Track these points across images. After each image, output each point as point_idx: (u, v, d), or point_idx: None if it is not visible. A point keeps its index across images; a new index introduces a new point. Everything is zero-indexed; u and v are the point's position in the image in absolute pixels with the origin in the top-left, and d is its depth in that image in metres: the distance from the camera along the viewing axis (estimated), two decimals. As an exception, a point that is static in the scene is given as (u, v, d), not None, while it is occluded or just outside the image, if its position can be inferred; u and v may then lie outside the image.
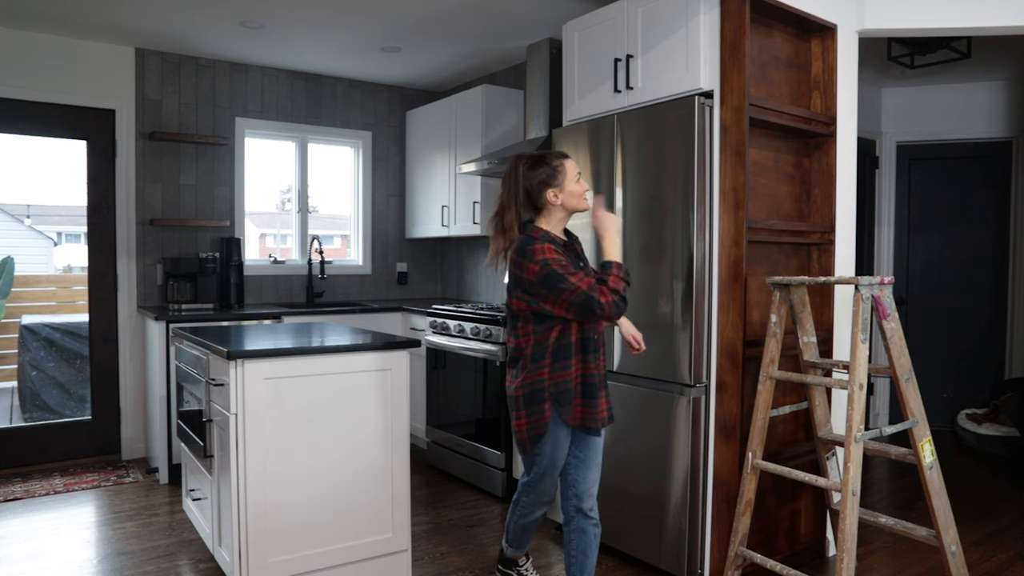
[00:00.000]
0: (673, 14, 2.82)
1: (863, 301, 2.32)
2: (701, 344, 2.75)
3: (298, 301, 5.10)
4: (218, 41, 4.38)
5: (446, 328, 4.19)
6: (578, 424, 2.32)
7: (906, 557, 3.12)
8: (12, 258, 4.63)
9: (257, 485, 2.47)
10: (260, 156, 5.07)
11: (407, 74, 5.14)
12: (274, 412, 2.50)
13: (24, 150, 4.45)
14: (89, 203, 4.44)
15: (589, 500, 2.36)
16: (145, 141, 4.53)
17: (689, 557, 2.76)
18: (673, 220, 2.79)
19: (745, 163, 2.63)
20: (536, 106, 4.19)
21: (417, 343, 2.86)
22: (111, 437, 4.53)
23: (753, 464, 2.62)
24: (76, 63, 4.32)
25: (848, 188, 3.10)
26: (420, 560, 3.03)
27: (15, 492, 3.85)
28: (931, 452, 2.46)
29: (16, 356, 4.67)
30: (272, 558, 2.50)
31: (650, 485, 2.88)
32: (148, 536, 3.29)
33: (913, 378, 2.47)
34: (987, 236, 5.25)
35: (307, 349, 2.59)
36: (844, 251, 3.08)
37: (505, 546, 2.66)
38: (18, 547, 3.15)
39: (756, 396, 2.66)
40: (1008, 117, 5.13)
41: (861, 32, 3.14)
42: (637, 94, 2.99)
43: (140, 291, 4.55)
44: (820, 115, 2.99)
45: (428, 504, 3.75)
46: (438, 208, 5.00)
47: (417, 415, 4.52)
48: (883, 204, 5.51)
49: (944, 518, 2.44)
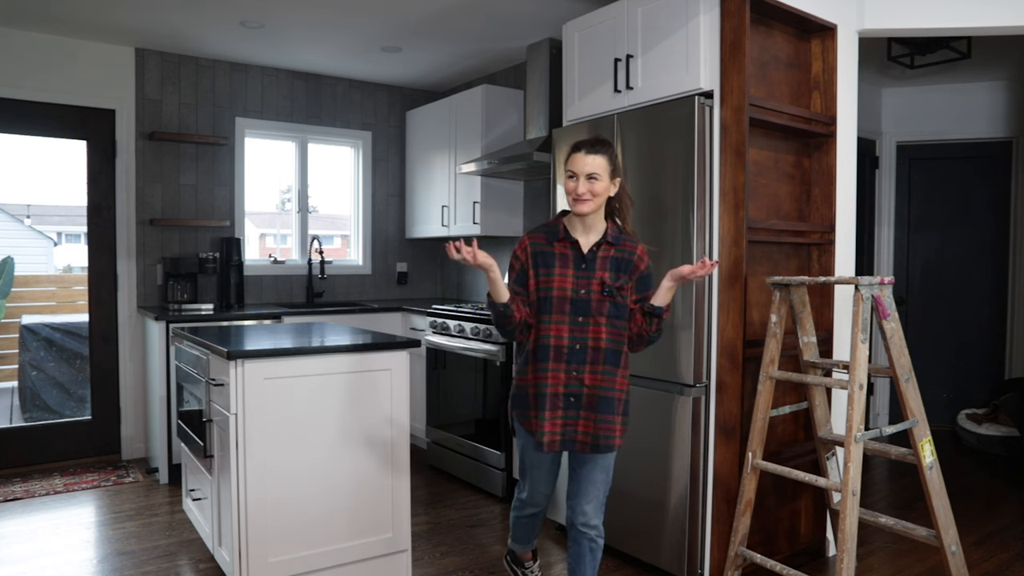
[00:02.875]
0: (673, 14, 2.82)
1: (863, 301, 2.32)
2: (701, 344, 2.75)
3: (298, 301, 5.10)
4: (218, 41, 4.38)
5: (446, 328, 4.19)
6: (529, 431, 2.29)
7: (906, 557, 3.12)
8: (12, 258, 4.63)
9: (257, 485, 2.47)
10: (260, 156, 5.07)
11: (407, 74, 5.14)
12: (274, 412, 2.50)
13: (24, 150, 4.45)
14: (89, 203, 4.44)
15: (582, 516, 2.28)
16: (145, 141, 4.53)
17: (689, 557, 2.76)
18: (673, 220, 2.79)
19: (745, 163, 2.63)
20: (536, 106, 4.19)
21: (417, 343, 2.86)
22: (111, 437, 4.53)
23: (753, 464, 2.62)
24: (76, 63, 4.32)
25: (848, 188, 3.10)
26: (420, 560, 3.03)
27: (15, 492, 3.85)
28: (931, 452, 2.46)
29: (16, 356, 4.67)
30: (272, 558, 2.50)
31: (650, 485, 2.88)
32: (148, 536, 3.29)
33: (913, 378, 2.47)
34: (987, 236, 5.25)
35: (307, 349, 2.59)
36: (844, 251, 3.08)
37: (509, 539, 2.68)
38: (18, 547, 3.15)
39: (756, 396, 2.66)
40: (1008, 117, 5.13)
41: (861, 32, 3.14)
42: (637, 94, 2.99)
43: (140, 291, 4.55)
44: (820, 115, 2.99)
45: (428, 504, 3.74)
46: (438, 208, 5.00)
47: (417, 415, 4.52)
48: (883, 204, 5.51)
49: (944, 518, 2.44)
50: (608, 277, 2.21)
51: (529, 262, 2.27)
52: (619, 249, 2.25)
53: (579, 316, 2.21)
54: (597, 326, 2.21)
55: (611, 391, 2.22)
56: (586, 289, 2.21)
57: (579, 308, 2.21)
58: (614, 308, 2.22)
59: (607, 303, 2.21)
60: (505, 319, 2.21)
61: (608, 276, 2.21)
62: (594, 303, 2.21)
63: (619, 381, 2.24)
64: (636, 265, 2.25)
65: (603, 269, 2.22)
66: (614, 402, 2.23)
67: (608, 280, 2.21)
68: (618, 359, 2.24)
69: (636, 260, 2.25)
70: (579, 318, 2.21)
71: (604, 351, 2.22)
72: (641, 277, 2.26)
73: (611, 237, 2.25)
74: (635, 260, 2.25)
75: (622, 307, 2.23)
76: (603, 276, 2.21)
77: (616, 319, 2.22)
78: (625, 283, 2.23)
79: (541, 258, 2.26)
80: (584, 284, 2.21)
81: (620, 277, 2.22)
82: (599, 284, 2.21)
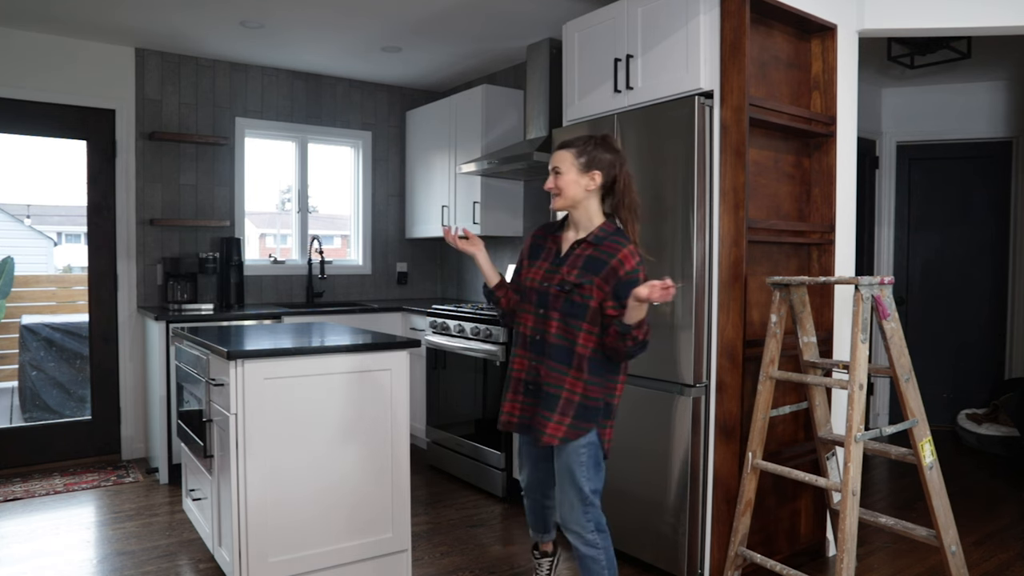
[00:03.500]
0: (673, 14, 2.82)
1: (863, 301, 2.32)
2: (701, 344, 2.75)
3: (298, 301, 5.10)
4: (218, 41, 4.38)
5: (446, 328, 4.19)
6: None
7: (906, 557, 3.12)
8: (12, 258, 4.63)
9: (257, 485, 2.47)
10: (260, 156, 5.07)
11: (407, 74, 5.14)
12: (274, 412, 2.50)
13: (24, 150, 4.45)
14: (89, 203, 4.44)
15: (559, 516, 2.28)
16: (145, 141, 4.53)
17: (689, 557, 2.76)
18: (673, 220, 2.79)
19: (745, 163, 2.63)
20: (536, 106, 4.19)
21: (417, 343, 2.86)
22: (111, 437, 4.53)
23: (753, 464, 2.62)
24: (76, 63, 4.32)
25: (848, 188, 3.10)
26: (420, 560, 3.03)
27: (15, 492, 3.85)
28: (931, 452, 2.46)
29: (16, 356, 4.67)
30: (272, 558, 2.50)
31: (650, 485, 2.88)
32: (148, 536, 3.29)
33: (913, 378, 2.47)
34: (987, 236, 5.25)
35: (307, 349, 2.59)
36: (844, 251, 3.08)
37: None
38: (18, 547, 3.15)
39: (756, 396, 2.66)
40: (1008, 117, 5.13)
41: (861, 32, 3.14)
42: (637, 94, 2.99)
43: (140, 291, 4.55)
44: (820, 115, 2.99)
45: (428, 504, 3.75)
46: (438, 208, 5.00)
47: (417, 415, 4.52)
48: (883, 204, 5.51)
49: (944, 518, 2.44)
50: (574, 274, 2.19)
51: (526, 252, 2.39)
52: (598, 249, 2.19)
53: (540, 308, 2.27)
54: (550, 320, 2.23)
55: (554, 387, 2.20)
56: (549, 283, 2.25)
57: (541, 300, 2.26)
58: (569, 306, 2.19)
59: (561, 299, 2.20)
60: (494, 302, 2.40)
61: (574, 273, 2.19)
62: (551, 297, 2.23)
63: (568, 381, 2.19)
64: (614, 269, 2.14)
65: (572, 266, 2.21)
66: (556, 400, 2.19)
67: (571, 277, 2.19)
68: (568, 358, 2.19)
69: (614, 264, 2.14)
70: (540, 310, 2.27)
71: (552, 346, 2.21)
72: (620, 283, 2.13)
73: (593, 237, 2.22)
74: (613, 264, 2.14)
75: (580, 306, 2.17)
76: (566, 272, 2.21)
77: (571, 317, 2.19)
78: (588, 283, 2.16)
79: (535, 250, 2.38)
80: (550, 278, 2.26)
81: (586, 276, 2.17)
82: (560, 279, 2.22)
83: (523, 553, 3.13)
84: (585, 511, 2.22)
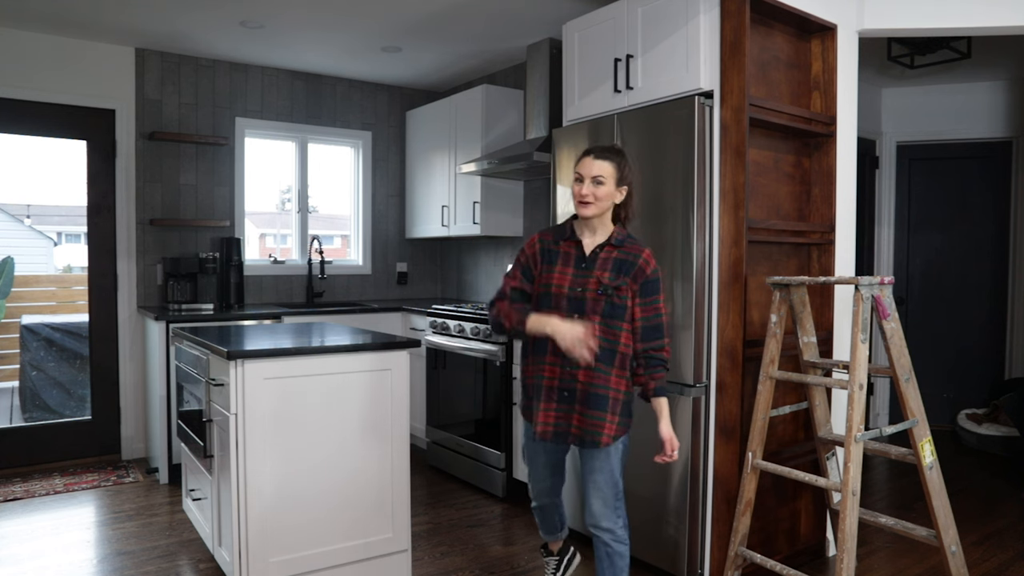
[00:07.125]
0: (673, 14, 2.82)
1: (863, 301, 2.32)
2: (701, 344, 2.75)
3: (298, 301, 5.10)
4: (218, 41, 4.38)
5: (446, 328, 4.19)
6: (527, 421, 2.40)
7: (906, 557, 3.12)
8: (12, 258, 4.63)
9: (257, 485, 2.47)
10: (260, 156, 5.07)
11: (407, 74, 5.14)
12: (274, 412, 2.50)
13: (24, 150, 4.45)
14: (89, 203, 4.44)
15: (589, 516, 2.30)
16: (145, 141, 4.53)
17: (689, 557, 2.76)
18: (673, 220, 2.79)
19: (745, 163, 2.63)
20: (536, 106, 4.19)
21: (417, 343, 2.86)
22: (111, 437, 4.53)
23: (753, 464, 2.62)
24: (76, 63, 4.32)
25: (848, 188, 3.10)
26: (420, 560, 3.03)
27: (15, 492, 3.85)
28: (931, 452, 2.46)
29: (16, 356, 4.67)
30: (272, 558, 2.50)
31: (650, 485, 2.88)
32: (148, 536, 3.29)
33: (913, 378, 2.47)
34: (987, 236, 5.25)
35: (307, 349, 2.59)
36: (844, 251, 3.08)
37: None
38: (18, 547, 3.15)
39: (756, 396, 2.66)
40: (1008, 117, 5.13)
41: (861, 32, 3.14)
42: (637, 94, 2.99)
43: (140, 291, 4.55)
44: (820, 115, 2.99)
45: (428, 504, 3.75)
46: (438, 208, 5.00)
47: (417, 415, 4.52)
48: (883, 204, 5.51)
49: (944, 518, 2.44)
50: (607, 277, 2.23)
51: (537, 257, 2.34)
52: (623, 251, 2.27)
53: (574, 313, 2.24)
54: (591, 324, 2.21)
55: (602, 388, 2.24)
56: (582, 287, 2.24)
57: (574, 306, 2.24)
58: (609, 307, 2.23)
59: (602, 302, 2.22)
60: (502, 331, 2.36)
61: (607, 276, 2.23)
62: (589, 301, 2.23)
63: (613, 380, 2.24)
64: (641, 268, 2.24)
65: (603, 269, 2.25)
66: (606, 400, 2.23)
67: (606, 280, 2.23)
68: (611, 358, 2.23)
69: (642, 263, 2.24)
70: (574, 315, 2.23)
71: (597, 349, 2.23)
72: (647, 282, 2.24)
73: (615, 240, 2.28)
74: (640, 263, 2.24)
75: (619, 307, 2.23)
76: (600, 275, 2.24)
77: (611, 319, 2.23)
78: (623, 284, 2.23)
79: (547, 255, 2.33)
80: (581, 283, 2.25)
81: (620, 278, 2.23)
82: (596, 283, 2.23)
83: (523, 553, 3.13)
84: (617, 508, 2.29)
